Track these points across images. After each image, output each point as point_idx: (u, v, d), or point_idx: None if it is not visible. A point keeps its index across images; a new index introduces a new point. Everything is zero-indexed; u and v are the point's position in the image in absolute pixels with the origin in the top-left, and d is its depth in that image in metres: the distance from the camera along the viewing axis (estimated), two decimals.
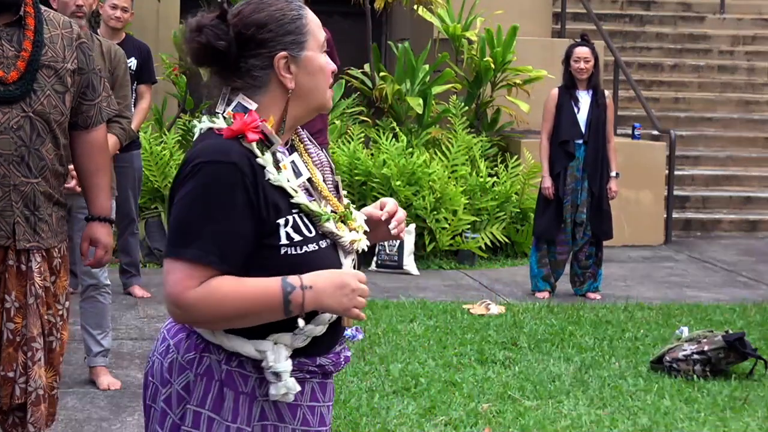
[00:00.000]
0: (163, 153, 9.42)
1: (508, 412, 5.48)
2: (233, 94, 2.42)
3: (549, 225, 8.15)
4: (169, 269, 2.31)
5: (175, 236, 2.32)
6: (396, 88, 10.57)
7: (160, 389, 2.44)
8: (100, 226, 4.06)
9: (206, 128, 2.40)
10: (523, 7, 12.46)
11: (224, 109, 2.41)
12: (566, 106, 8.13)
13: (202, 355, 2.39)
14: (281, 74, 2.39)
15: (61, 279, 3.91)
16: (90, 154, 3.97)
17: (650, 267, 9.82)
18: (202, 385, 2.39)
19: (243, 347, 2.36)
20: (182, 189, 2.32)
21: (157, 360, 2.46)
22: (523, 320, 7.39)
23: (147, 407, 2.49)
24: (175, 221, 2.33)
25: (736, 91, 13.90)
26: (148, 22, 11.88)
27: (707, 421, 5.49)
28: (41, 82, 3.76)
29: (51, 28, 3.81)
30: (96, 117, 3.94)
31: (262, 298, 2.29)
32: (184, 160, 2.36)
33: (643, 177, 10.84)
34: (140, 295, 7.79)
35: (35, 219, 3.81)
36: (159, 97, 10.47)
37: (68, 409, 5.34)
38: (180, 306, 2.30)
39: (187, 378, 2.40)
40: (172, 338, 2.45)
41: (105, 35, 7.17)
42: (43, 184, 3.81)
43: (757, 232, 11.65)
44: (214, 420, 2.38)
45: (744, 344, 6.28)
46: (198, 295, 2.28)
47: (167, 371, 2.42)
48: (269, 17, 2.38)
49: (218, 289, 2.28)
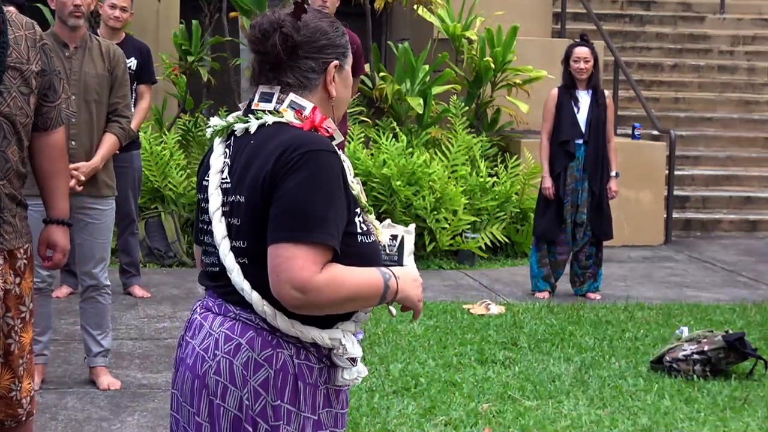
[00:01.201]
0: (163, 153, 9.41)
1: (508, 412, 5.49)
2: (284, 92, 2.54)
3: (550, 225, 8.15)
4: (290, 255, 2.37)
5: (296, 221, 2.39)
6: (396, 88, 10.57)
7: (229, 387, 2.48)
8: (59, 229, 4.05)
9: (272, 122, 2.52)
10: (523, 7, 12.46)
11: (276, 106, 2.54)
12: (566, 106, 8.13)
13: (277, 351, 2.48)
14: (329, 81, 2.57)
15: (25, 280, 3.86)
16: (49, 156, 3.94)
17: (650, 267, 9.82)
18: (279, 380, 2.48)
19: (320, 336, 2.49)
20: (294, 175, 2.40)
21: (223, 359, 2.49)
22: (523, 320, 7.39)
23: (213, 407, 2.50)
24: (294, 207, 2.40)
25: (736, 91, 13.90)
26: (148, 22, 11.88)
27: (707, 421, 5.49)
28: (7, 84, 3.72)
29: (14, 29, 3.77)
30: (56, 119, 3.92)
31: (369, 284, 2.47)
32: (284, 148, 2.43)
33: (643, 177, 10.84)
34: (140, 295, 7.79)
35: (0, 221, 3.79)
36: (159, 97, 10.47)
37: (68, 409, 5.34)
38: (306, 290, 2.37)
39: (266, 374, 2.47)
40: (241, 336, 2.49)
41: (104, 35, 7.18)
42: (8, 186, 3.76)
43: (757, 232, 11.65)
44: (292, 412, 2.49)
45: (744, 344, 6.28)
46: (324, 279, 2.39)
47: (243, 368, 2.47)
48: (329, 26, 2.59)
49: (340, 274, 2.41)
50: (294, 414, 2.49)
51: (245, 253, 2.49)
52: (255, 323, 2.49)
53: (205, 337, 2.54)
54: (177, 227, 9.08)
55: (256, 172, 2.46)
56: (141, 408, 5.41)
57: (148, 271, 8.65)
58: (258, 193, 2.44)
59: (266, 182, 2.43)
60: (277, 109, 2.53)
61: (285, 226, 2.39)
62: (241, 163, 2.51)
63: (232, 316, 2.52)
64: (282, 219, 2.40)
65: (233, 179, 2.52)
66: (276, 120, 2.51)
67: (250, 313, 2.50)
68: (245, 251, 2.49)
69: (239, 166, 2.52)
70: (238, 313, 2.51)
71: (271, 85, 2.56)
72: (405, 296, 2.55)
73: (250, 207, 2.46)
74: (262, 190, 2.43)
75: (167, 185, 9.28)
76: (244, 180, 2.48)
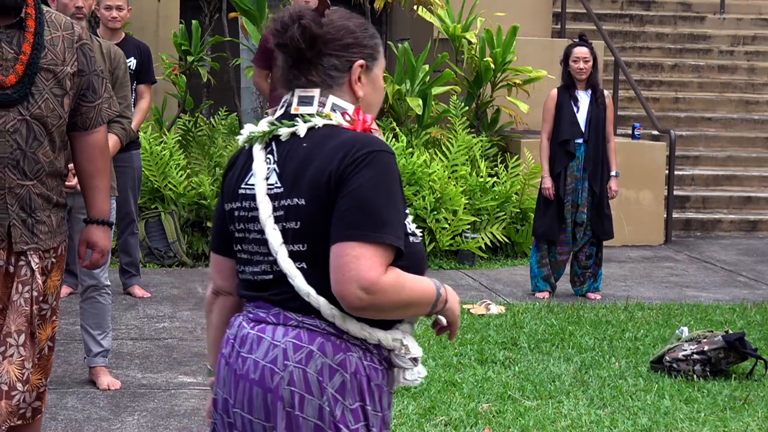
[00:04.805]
0: (163, 153, 9.41)
1: (508, 412, 5.48)
2: (323, 95, 2.51)
3: (551, 226, 8.14)
4: (358, 254, 2.34)
5: (364, 220, 2.36)
6: (396, 88, 10.57)
7: (306, 397, 2.42)
8: (98, 229, 4.02)
9: (322, 124, 2.48)
10: (523, 7, 12.46)
11: (319, 109, 2.51)
12: (566, 106, 8.13)
13: (348, 355, 2.45)
14: (355, 81, 2.53)
15: (51, 278, 3.88)
16: (89, 156, 3.94)
17: (650, 267, 9.82)
18: (355, 383, 2.45)
19: (385, 338, 2.47)
20: (362, 174, 2.38)
21: (296, 369, 2.43)
22: (523, 320, 7.39)
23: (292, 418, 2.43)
24: (362, 205, 2.37)
25: (736, 91, 13.90)
26: (148, 22, 11.89)
27: (707, 421, 5.49)
28: (39, 86, 3.74)
29: (52, 30, 3.79)
30: (96, 119, 3.92)
31: (424, 291, 2.46)
32: (348, 148, 2.41)
33: (643, 177, 10.83)
34: (140, 295, 7.79)
35: (32, 221, 3.79)
36: (159, 97, 10.48)
37: (68, 409, 5.34)
38: (372, 291, 2.34)
39: (341, 378, 2.44)
40: (311, 344, 2.44)
41: (104, 36, 7.18)
42: (40, 187, 3.79)
43: (757, 232, 11.65)
44: (369, 414, 2.48)
45: (744, 344, 6.28)
46: (389, 282, 2.36)
47: (318, 376, 2.43)
48: (356, 26, 2.55)
49: (402, 277, 2.40)
50: (372, 415, 2.48)
51: (304, 257, 2.44)
52: (321, 328, 2.44)
53: (268, 350, 2.46)
54: (177, 227, 9.08)
55: (316, 173, 2.42)
56: (141, 408, 5.40)
57: (148, 271, 8.65)
58: (322, 193, 2.40)
59: (331, 181, 2.39)
60: (320, 111, 2.50)
61: (353, 224, 2.35)
62: (295, 166, 2.47)
63: (295, 324, 2.46)
64: (350, 217, 2.36)
65: (285, 183, 2.47)
66: (326, 122, 2.48)
67: (314, 319, 2.44)
68: (304, 255, 2.44)
69: (292, 169, 2.47)
70: (301, 320, 2.45)
71: (308, 88, 2.53)
72: (451, 308, 2.53)
73: (312, 208, 2.42)
74: (327, 188, 2.40)
75: (167, 185, 9.28)
76: (301, 182, 2.44)
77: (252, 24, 9.93)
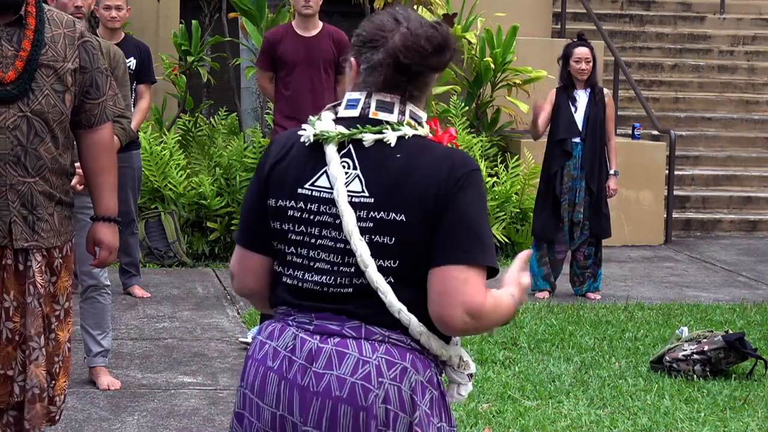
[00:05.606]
0: (163, 153, 9.41)
1: (508, 412, 5.48)
2: (402, 103, 2.44)
3: (547, 225, 8.13)
4: (465, 277, 2.32)
5: (471, 243, 2.34)
6: None
7: (400, 415, 2.36)
8: (106, 227, 4.00)
9: (411, 134, 2.42)
10: (523, 8, 12.45)
11: (400, 118, 2.43)
12: (563, 105, 8.13)
13: (432, 372, 2.43)
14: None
15: (61, 279, 3.87)
16: (94, 153, 3.94)
17: (650, 267, 9.82)
18: (441, 401, 2.44)
19: (455, 355, 2.46)
20: (465, 195, 2.35)
21: (391, 386, 2.36)
22: (523, 320, 7.39)
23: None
24: (468, 228, 2.34)
25: (736, 91, 13.89)
26: (148, 22, 11.88)
27: (707, 421, 5.49)
28: (39, 82, 3.74)
29: (53, 27, 3.80)
30: (100, 116, 3.91)
31: (510, 309, 2.44)
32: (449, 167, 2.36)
33: (643, 177, 10.83)
34: (140, 295, 7.79)
35: (34, 218, 3.78)
36: (159, 97, 10.47)
37: (68, 409, 5.32)
38: (478, 315, 2.34)
39: (430, 395, 2.41)
40: (403, 360, 2.39)
41: (104, 36, 7.17)
42: (42, 183, 3.78)
43: (757, 232, 11.65)
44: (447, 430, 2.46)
45: (744, 344, 6.28)
46: (490, 305, 2.37)
47: (413, 393, 2.38)
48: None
49: (497, 297, 2.39)
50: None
51: (392, 273, 2.36)
52: (407, 344, 2.39)
53: (357, 366, 2.36)
54: (177, 227, 9.08)
55: (418, 190, 2.34)
56: (141, 408, 5.40)
57: (148, 271, 8.65)
58: (425, 212, 2.34)
59: (437, 202, 2.33)
60: (401, 120, 2.42)
61: (460, 247, 2.32)
62: (390, 178, 2.37)
63: (380, 339, 2.38)
64: (456, 240, 2.32)
65: (377, 194, 2.37)
66: (415, 133, 2.42)
67: (400, 334, 2.38)
68: (393, 271, 2.36)
69: (386, 181, 2.37)
70: (387, 335, 2.38)
71: (389, 94, 2.44)
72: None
73: (412, 226, 2.34)
74: (431, 209, 2.33)
75: (167, 185, 9.28)
76: (399, 197, 2.36)
77: (252, 24, 9.92)
